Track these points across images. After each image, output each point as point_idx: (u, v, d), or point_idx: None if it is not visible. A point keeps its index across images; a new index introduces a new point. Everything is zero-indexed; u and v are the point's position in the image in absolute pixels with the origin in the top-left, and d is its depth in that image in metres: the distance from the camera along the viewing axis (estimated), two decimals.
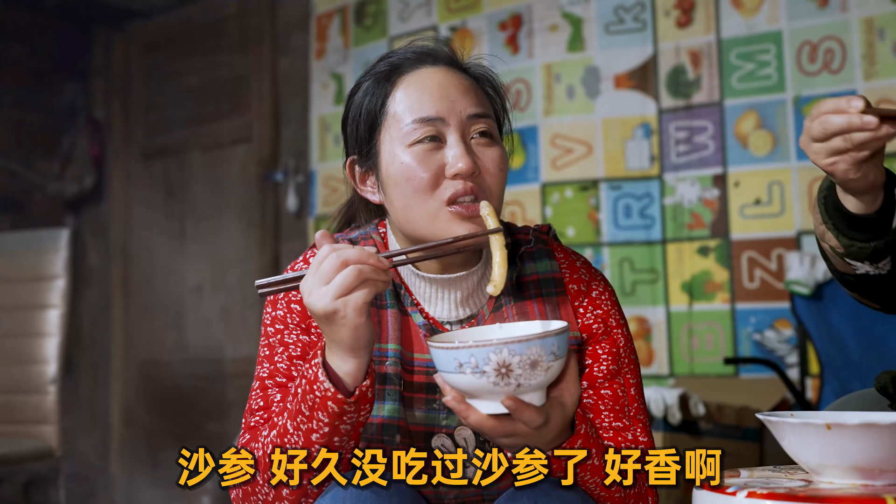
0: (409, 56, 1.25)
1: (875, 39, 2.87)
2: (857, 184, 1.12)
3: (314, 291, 1.05)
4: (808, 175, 2.95)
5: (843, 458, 0.92)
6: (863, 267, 1.21)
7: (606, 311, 1.26)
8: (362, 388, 1.08)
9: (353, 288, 1.03)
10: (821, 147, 1.10)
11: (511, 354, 0.97)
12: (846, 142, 1.07)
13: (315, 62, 4.05)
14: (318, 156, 4.00)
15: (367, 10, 3.90)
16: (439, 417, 1.21)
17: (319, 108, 4.01)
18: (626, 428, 1.21)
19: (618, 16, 3.29)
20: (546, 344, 0.99)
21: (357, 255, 1.04)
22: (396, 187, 1.19)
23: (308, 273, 1.07)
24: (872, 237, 1.18)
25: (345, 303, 1.03)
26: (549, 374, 1.01)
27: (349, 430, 1.10)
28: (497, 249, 1.12)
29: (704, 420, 2.55)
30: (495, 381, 0.98)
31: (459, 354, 0.98)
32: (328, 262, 1.04)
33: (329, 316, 1.04)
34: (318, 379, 1.07)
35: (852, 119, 1.06)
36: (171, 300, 4.38)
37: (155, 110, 4.61)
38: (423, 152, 1.18)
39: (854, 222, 1.18)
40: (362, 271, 1.04)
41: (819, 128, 1.09)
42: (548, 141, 3.36)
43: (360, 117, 1.24)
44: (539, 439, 1.06)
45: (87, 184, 4.51)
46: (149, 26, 4.66)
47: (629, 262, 3.21)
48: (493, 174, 1.20)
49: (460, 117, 1.20)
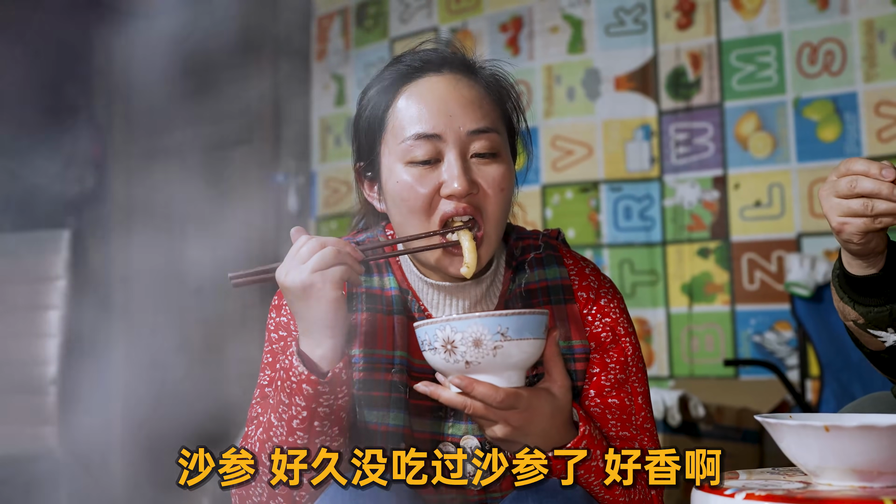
0: (414, 64, 1.21)
1: (875, 41, 2.87)
2: (858, 248, 1.13)
3: (291, 271, 1.08)
4: (809, 177, 2.95)
5: (842, 460, 0.92)
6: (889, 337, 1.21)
7: (615, 319, 1.25)
8: (335, 370, 1.09)
9: (330, 265, 1.07)
10: (840, 203, 1.10)
11: (453, 331, 1.03)
12: (866, 207, 1.08)
13: (316, 63, 4.06)
14: (319, 157, 4.00)
15: (367, 12, 3.91)
16: (445, 426, 1.21)
17: (320, 109, 4.02)
18: (633, 437, 1.20)
19: (618, 18, 3.29)
20: (488, 323, 1.03)
21: (335, 240, 1.09)
22: (394, 204, 1.19)
23: (285, 259, 1.10)
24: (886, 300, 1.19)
25: (322, 276, 1.06)
26: (501, 355, 1.04)
27: (328, 414, 1.10)
28: (465, 239, 1.15)
29: (704, 422, 2.56)
30: (445, 358, 1.05)
31: (420, 332, 1.07)
32: (307, 245, 1.08)
33: (306, 289, 1.06)
34: (292, 365, 1.09)
35: (882, 188, 1.07)
36: (172, 301, 4.38)
37: (156, 111, 4.61)
38: (419, 171, 1.16)
39: (864, 288, 1.19)
40: (340, 251, 1.08)
41: (847, 185, 1.09)
42: (548, 142, 3.36)
43: (363, 126, 1.23)
44: (529, 429, 1.07)
45: (89, 185, 4.52)
46: (150, 26, 4.67)
47: (629, 264, 3.21)
48: (492, 195, 1.17)
49: (459, 133, 1.16)
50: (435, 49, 1.25)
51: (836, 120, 2.92)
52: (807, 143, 2.96)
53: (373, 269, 1.27)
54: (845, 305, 1.21)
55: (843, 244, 1.15)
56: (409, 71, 1.21)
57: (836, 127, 2.92)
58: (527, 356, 1.06)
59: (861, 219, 1.09)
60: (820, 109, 2.95)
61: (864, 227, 1.09)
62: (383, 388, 1.19)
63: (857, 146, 2.88)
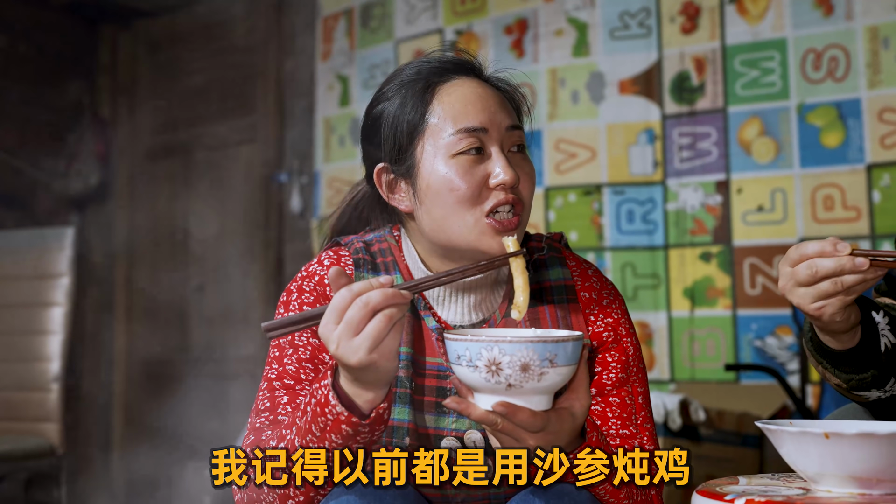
0: (440, 66, 1.25)
1: (879, 48, 2.87)
2: (839, 325, 1.11)
3: (343, 344, 1.01)
4: (811, 182, 2.96)
5: (841, 467, 0.93)
6: (872, 394, 1.20)
7: (616, 319, 1.27)
8: (378, 410, 1.06)
9: (385, 335, 1.01)
10: (807, 291, 1.08)
11: (501, 353, 0.99)
12: (836, 285, 1.06)
13: (321, 63, 4.06)
14: (323, 157, 4.01)
15: (373, 13, 3.91)
16: (449, 421, 1.21)
17: (324, 109, 4.03)
18: (633, 436, 1.22)
19: (623, 21, 3.29)
20: (538, 349, 0.99)
21: (383, 300, 1.01)
22: (437, 196, 1.19)
23: (327, 318, 1.02)
24: (865, 367, 1.17)
25: (380, 354, 1.01)
26: (545, 381, 1.01)
27: (361, 447, 1.09)
28: (519, 274, 1.14)
29: (705, 426, 2.56)
30: (486, 378, 1.01)
31: (458, 346, 1.02)
32: (355, 311, 1.00)
33: (363, 368, 1.01)
34: (329, 402, 1.05)
35: (843, 263, 1.06)
36: (175, 299, 4.39)
37: (160, 110, 4.62)
38: (466, 163, 1.19)
39: (841, 359, 1.17)
40: (392, 317, 1.01)
41: (807, 272, 1.07)
42: (552, 145, 3.37)
43: (394, 126, 1.23)
44: (544, 444, 1.07)
45: (93, 182, 4.52)
46: (155, 25, 4.68)
47: (631, 267, 3.22)
48: (529, 186, 1.23)
49: (500, 128, 1.21)
50: (449, 55, 1.28)
51: (839, 126, 2.92)
52: (810, 148, 2.97)
53: (379, 267, 1.28)
54: (826, 371, 1.20)
55: (824, 326, 1.13)
56: (439, 72, 1.24)
57: (840, 133, 2.92)
58: (564, 380, 1.05)
59: (834, 298, 1.07)
60: (823, 115, 2.95)
61: (841, 303, 1.08)
62: None
63: (860, 152, 2.88)
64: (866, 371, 1.17)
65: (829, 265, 1.06)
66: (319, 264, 1.29)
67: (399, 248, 1.30)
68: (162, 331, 4.44)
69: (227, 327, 4.22)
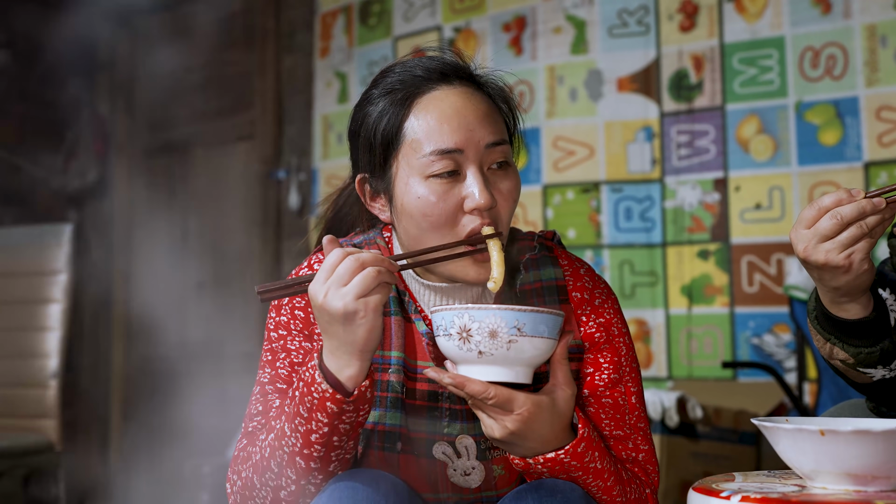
0: (423, 75, 1.20)
1: (877, 46, 2.87)
2: (865, 279, 1.11)
3: (331, 293, 1.04)
4: (809, 180, 2.96)
5: (837, 464, 0.93)
6: (878, 372, 1.20)
7: (609, 319, 1.26)
8: (361, 388, 1.08)
9: (371, 289, 1.05)
10: (833, 244, 1.08)
11: (471, 320, 1.04)
12: (861, 228, 1.07)
13: (319, 60, 4.06)
14: (321, 154, 4.01)
15: (371, 10, 3.91)
16: (441, 425, 1.21)
17: (323, 106, 4.03)
18: (627, 437, 1.22)
19: (621, 19, 3.30)
20: (506, 315, 1.04)
21: (373, 258, 1.06)
22: (411, 219, 1.17)
23: (318, 276, 1.06)
24: (876, 340, 1.17)
25: (365, 303, 1.04)
26: (514, 350, 1.05)
27: (348, 430, 1.10)
28: (495, 251, 1.15)
29: (702, 423, 2.57)
30: (459, 346, 1.05)
31: (436, 317, 1.08)
32: (345, 265, 1.05)
33: (349, 316, 1.04)
34: (315, 380, 1.07)
35: (863, 205, 1.07)
36: (173, 296, 4.39)
37: (158, 106, 4.62)
38: (440, 186, 1.15)
39: (854, 330, 1.17)
40: (381, 272, 1.06)
41: (832, 221, 1.07)
42: (550, 143, 3.37)
43: (374, 138, 1.20)
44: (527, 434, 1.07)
45: (91, 179, 4.52)
46: (153, 22, 4.67)
47: (629, 265, 3.22)
48: (507, 204, 1.20)
49: (478, 147, 1.17)
50: (440, 58, 1.23)
51: (837, 124, 2.93)
52: (808, 146, 2.97)
53: None
54: (833, 346, 1.19)
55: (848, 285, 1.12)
56: (420, 81, 1.19)
57: (837, 131, 2.93)
58: (539, 353, 1.07)
59: (861, 242, 1.08)
60: (821, 113, 2.96)
61: (868, 247, 1.08)
62: (380, 388, 1.20)
63: (858, 150, 2.89)
64: (876, 345, 1.17)
65: (852, 210, 1.07)
66: (309, 268, 1.29)
67: (389, 251, 1.29)
68: (160, 327, 4.44)
69: (225, 324, 4.22)
